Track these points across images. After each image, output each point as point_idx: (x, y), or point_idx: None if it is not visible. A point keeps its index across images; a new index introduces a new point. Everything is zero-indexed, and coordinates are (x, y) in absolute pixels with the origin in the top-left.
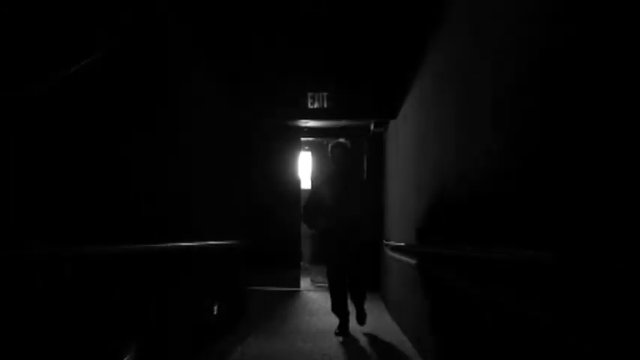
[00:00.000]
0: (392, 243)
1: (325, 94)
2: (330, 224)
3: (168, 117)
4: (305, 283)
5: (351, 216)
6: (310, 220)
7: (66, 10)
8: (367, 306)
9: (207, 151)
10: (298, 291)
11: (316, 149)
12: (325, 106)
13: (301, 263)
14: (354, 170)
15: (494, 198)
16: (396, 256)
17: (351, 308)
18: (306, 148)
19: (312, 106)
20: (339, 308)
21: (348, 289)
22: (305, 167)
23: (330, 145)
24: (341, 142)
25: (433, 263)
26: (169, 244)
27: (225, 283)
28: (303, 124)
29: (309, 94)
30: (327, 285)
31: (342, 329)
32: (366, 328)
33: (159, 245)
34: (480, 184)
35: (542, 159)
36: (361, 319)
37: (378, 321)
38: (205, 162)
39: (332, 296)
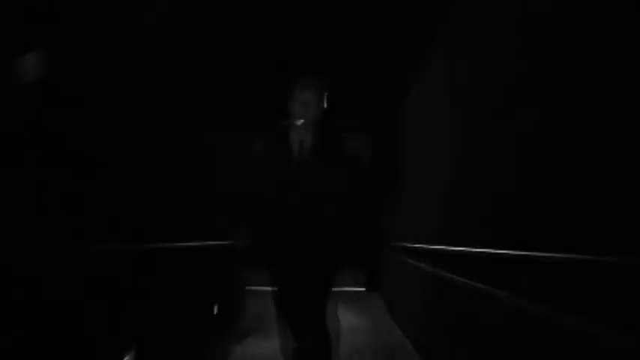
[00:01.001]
0: (399, 244)
1: (325, 94)
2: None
3: (165, 116)
4: None
5: (332, 216)
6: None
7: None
8: (367, 305)
9: (207, 151)
10: None
11: None
12: (325, 105)
13: None
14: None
15: None
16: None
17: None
18: None
19: None
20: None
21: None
22: None
23: (296, 89)
24: (312, 83)
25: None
26: (170, 244)
27: (225, 282)
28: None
29: None
30: None
31: None
32: (367, 327)
33: (159, 245)
34: None
35: None
36: None
37: (379, 321)
38: (205, 162)
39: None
